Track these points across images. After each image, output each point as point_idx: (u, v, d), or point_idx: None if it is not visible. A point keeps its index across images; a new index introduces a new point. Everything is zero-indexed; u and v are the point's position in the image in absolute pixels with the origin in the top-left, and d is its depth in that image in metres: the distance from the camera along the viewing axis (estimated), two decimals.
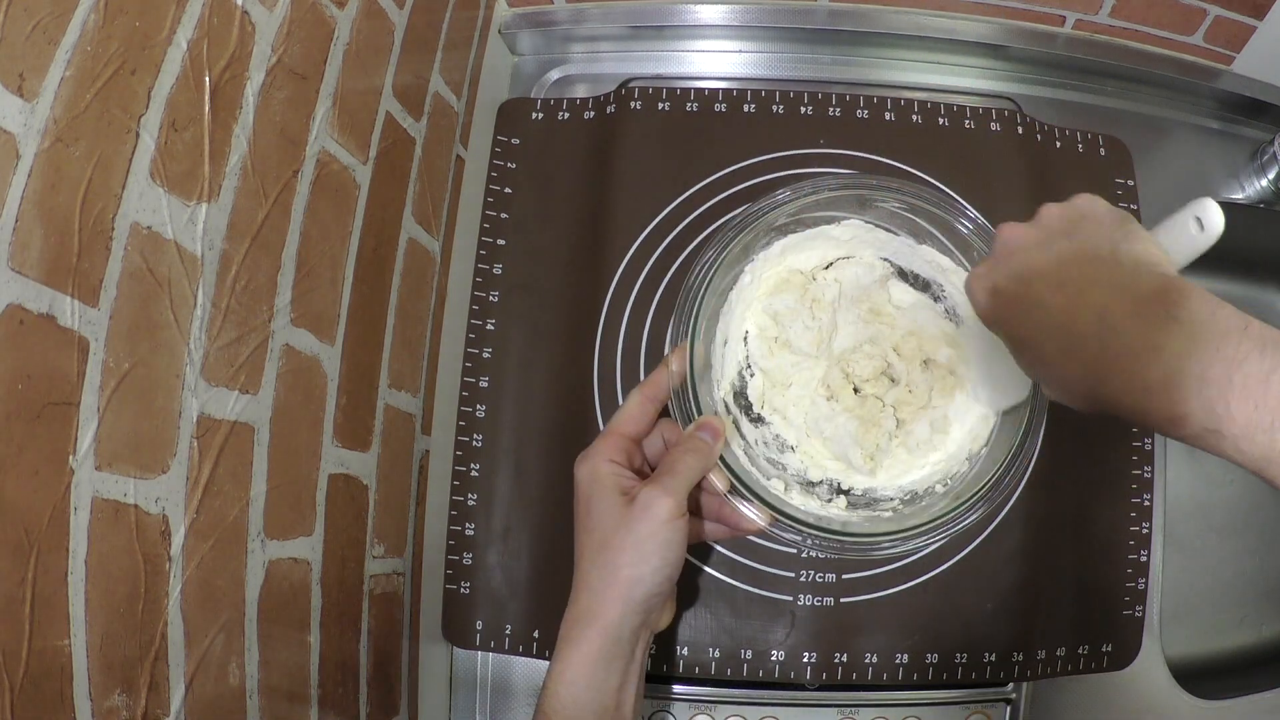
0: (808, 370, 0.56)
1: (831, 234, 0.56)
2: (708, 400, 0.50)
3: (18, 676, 0.28)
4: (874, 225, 0.56)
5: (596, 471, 0.46)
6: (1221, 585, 0.72)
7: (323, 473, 0.46)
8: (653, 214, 0.62)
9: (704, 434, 0.47)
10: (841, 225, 0.56)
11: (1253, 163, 0.69)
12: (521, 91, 0.70)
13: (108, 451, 0.32)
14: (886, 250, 0.57)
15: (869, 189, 0.53)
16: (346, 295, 0.48)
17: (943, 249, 0.55)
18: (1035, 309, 0.38)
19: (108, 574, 0.32)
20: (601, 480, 0.46)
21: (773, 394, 0.56)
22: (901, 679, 0.56)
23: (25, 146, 0.28)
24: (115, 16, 0.31)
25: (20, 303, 0.28)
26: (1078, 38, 0.69)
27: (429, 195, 0.58)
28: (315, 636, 0.46)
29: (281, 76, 0.41)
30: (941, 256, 0.55)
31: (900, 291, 0.57)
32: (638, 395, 0.49)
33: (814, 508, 0.53)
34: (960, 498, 0.49)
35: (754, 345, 0.57)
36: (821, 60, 0.70)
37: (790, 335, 0.56)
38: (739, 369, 0.56)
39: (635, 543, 0.43)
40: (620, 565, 0.43)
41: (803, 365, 0.56)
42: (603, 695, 0.43)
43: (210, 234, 0.37)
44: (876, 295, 0.56)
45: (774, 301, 0.56)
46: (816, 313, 0.56)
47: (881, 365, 0.54)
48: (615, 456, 0.47)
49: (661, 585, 0.44)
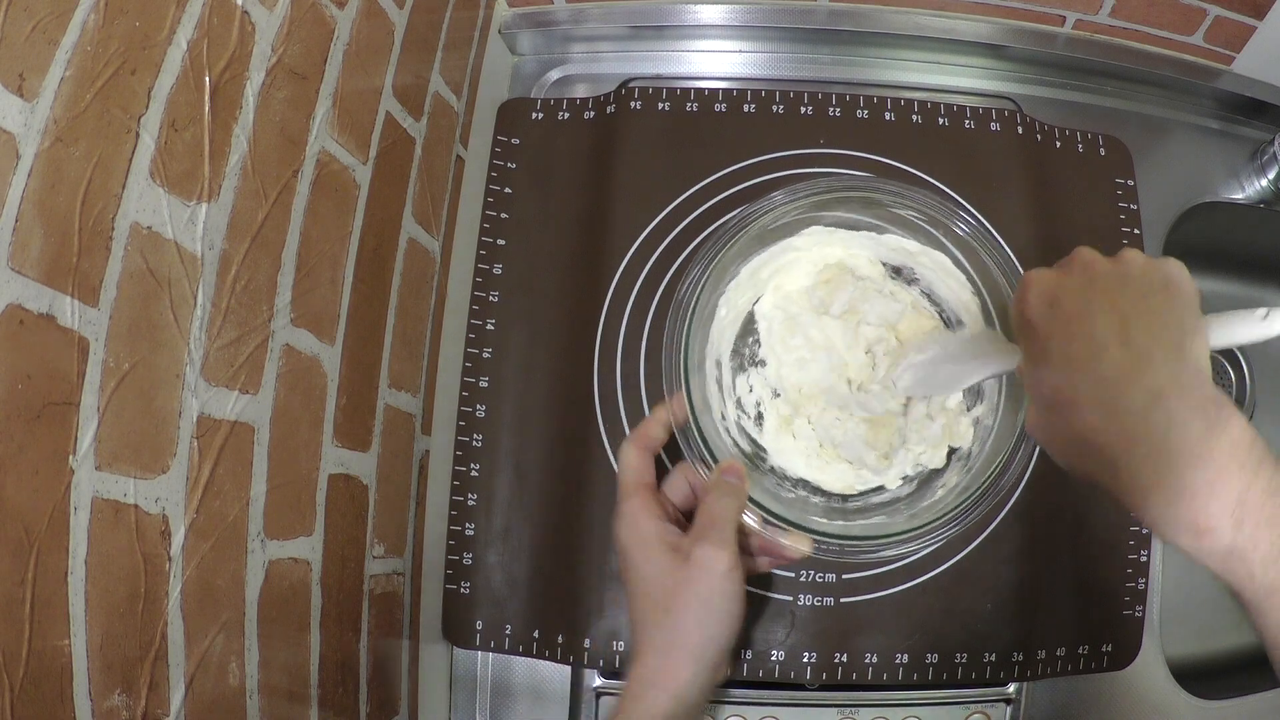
0: (814, 379, 0.56)
1: (795, 245, 0.56)
2: (715, 439, 0.50)
3: (18, 676, 0.28)
4: (833, 228, 0.56)
5: (642, 533, 0.46)
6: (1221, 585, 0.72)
7: (323, 473, 0.46)
8: (653, 214, 0.62)
9: (729, 477, 0.47)
10: (801, 235, 0.56)
11: (1253, 163, 0.69)
12: (521, 91, 0.70)
13: (108, 451, 0.32)
14: (853, 245, 0.57)
15: (820, 194, 0.53)
16: (346, 295, 0.48)
17: (907, 233, 0.55)
18: (1088, 345, 0.36)
19: (108, 574, 0.32)
20: (649, 541, 0.45)
21: (779, 420, 0.57)
22: (901, 679, 0.56)
23: (25, 146, 0.28)
24: (115, 16, 0.31)
25: (20, 303, 0.28)
26: (1078, 38, 0.69)
27: (429, 195, 0.58)
28: (315, 636, 0.46)
29: (281, 76, 0.41)
30: (907, 241, 0.55)
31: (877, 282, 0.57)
32: (633, 447, 0.49)
33: (837, 521, 0.53)
34: (967, 490, 0.49)
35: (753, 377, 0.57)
36: (821, 60, 0.70)
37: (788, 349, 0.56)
38: (738, 402, 0.57)
39: (700, 603, 0.43)
40: (688, 627, 0.43)
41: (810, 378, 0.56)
42: None
43: (210, 234, 0.37)
44: (859, 299, 0.57)
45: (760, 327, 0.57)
46: (802, 329, 0.56)
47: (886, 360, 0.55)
48: (653, 511, 0.47)
49: (730, 640, 0.44)
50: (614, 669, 0.57)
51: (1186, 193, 0.68)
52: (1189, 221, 0.67)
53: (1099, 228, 0.64)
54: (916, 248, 0.55)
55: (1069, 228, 0.64)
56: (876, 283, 0.57)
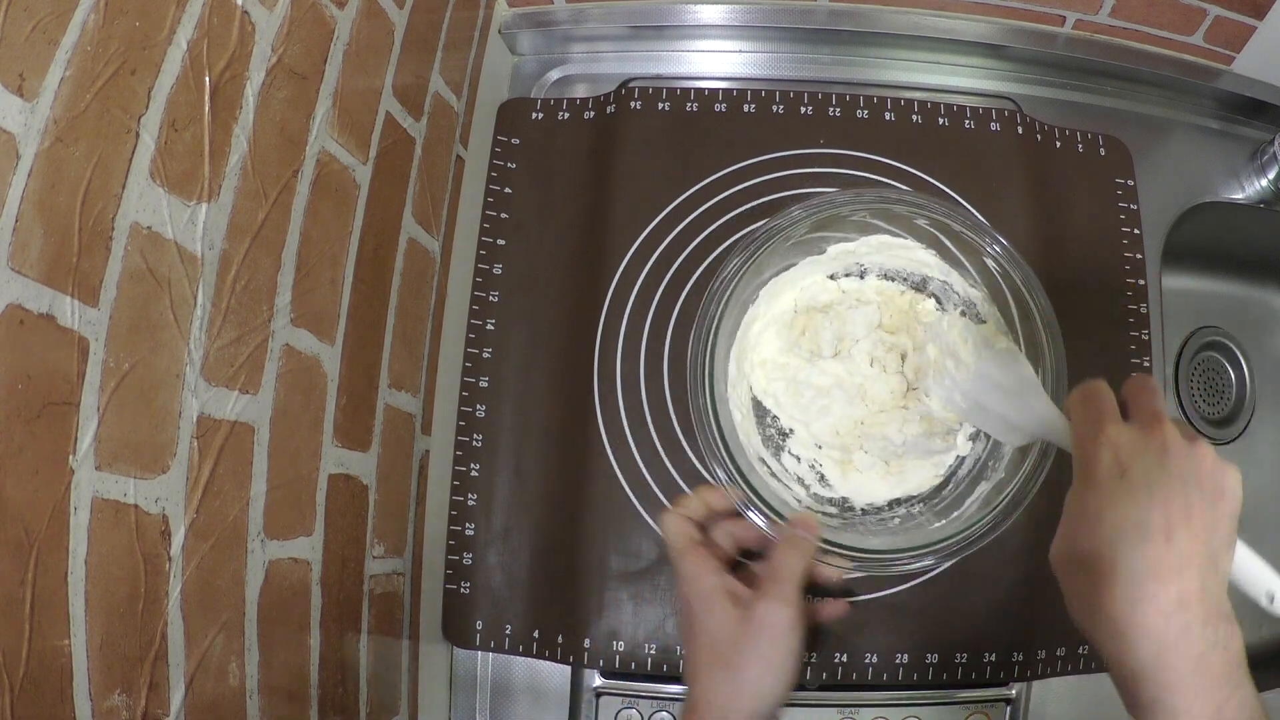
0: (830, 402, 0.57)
1: (756, 313, 0.57)
2: (779, 501, 0.50)
3: (18, 676, 0.28)
4: (777, 279, 0.57)
5: (705, 587, 0.46)
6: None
7: (323, 473, 0.46)
8: (653, 214, 0.62)
9: (801, 531, 0.47)
10: (758, 298, 0.56)
11: (1253, 163, 0.69)
12: (521, 91, 0.70)
13: (108, 451, 0.32)
14: (800, 280, 0.58)
15: (753, 257, 0.52)
16: (346, 295, 0.48)
17: (843, 234, 0.56)
18: (1138, 530, 0.37)
19: (108, 574, 0.32)
20: (711, 596, 0.46)
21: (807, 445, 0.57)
22: (901, 679, 0.56)
23: (25, 146, 0.28)
24: (115, 16, 0.31)
25: (20, 303, 0.28)
26: (1078, 38, 0.69)
27: (429, 195, 0.58)
28: (315, 636, 0.46)
29: (281, 76, 0.41)
30: (844, 243, 0.56)
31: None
32: (675, 515, 0.49)
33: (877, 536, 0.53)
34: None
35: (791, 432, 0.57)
36: (821, 60, 0.70)
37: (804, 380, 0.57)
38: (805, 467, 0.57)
39: (760, 657, 0.44)
40: (748, 680, 0.44)
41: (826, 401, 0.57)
42: None
43: (210, 234, 0.37)
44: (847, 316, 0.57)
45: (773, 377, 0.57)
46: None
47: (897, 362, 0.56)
48: (712, 566, 0.47)
49: (786, 693, 0.45)
50: (614, 669, 0.57)
51: (1186, 193, 0.68)
52: (1189, 221, 0.67)
53: (1099, 228, 0.64)
54: (852, 245, 0.56)
55: (1069, 228, 0.64)
56: (841, 298, 0.57)
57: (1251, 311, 0.80)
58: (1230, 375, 0.78)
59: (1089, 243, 0.64)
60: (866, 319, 0.56)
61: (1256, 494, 0.75)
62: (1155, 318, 0.63)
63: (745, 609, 0.45)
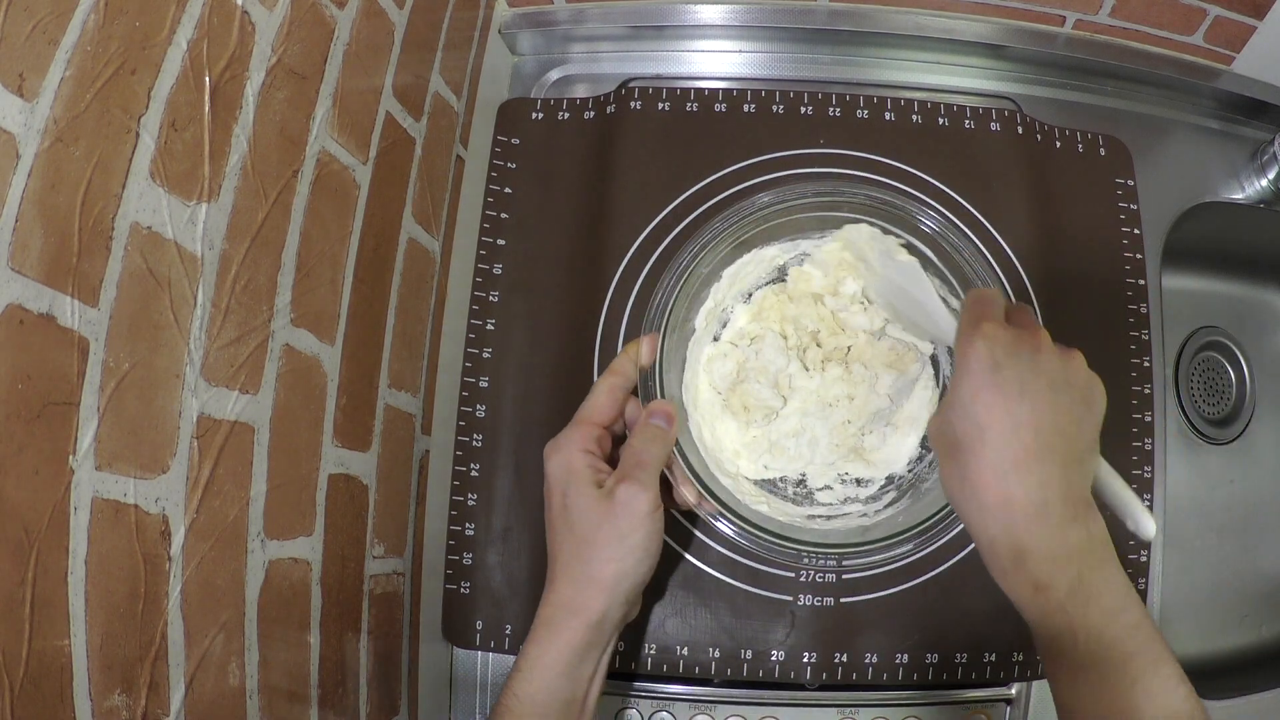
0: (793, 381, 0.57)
1: (696, 386, 0.58)
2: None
3: (18, 676, 0.28)
4: (700, 336, 0.58)
5: (571, 464, 0.48)
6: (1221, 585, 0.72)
7: (323, 473, 0.46)
8: (653, 214, 0.62)
9: (658, 420, 0.49)
10: (690, 359, 0.58)
11: (1253, 163, 0.69)
12: (521, 91, 0.70)
13: (108, 451, 0.32)
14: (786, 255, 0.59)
15: (671, 299, 0.53)
16: (346, 295, 0.48)
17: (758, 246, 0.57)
18: (1006, 418, 0.39)
19: (108, 574, 0.32)
20: (577, 473, 0.47)
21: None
22: (901, 679, 0.56)
23: (25, 146, 0.28)
24: (115, 16, 0.31)
25: (20, 303, 0.28)
26: (1078, 38, 0.69)
27: (429, 195, 0.58)
28: (315, 636, 0.46)
29: (281, 76, 0.41)
30: (761, 250, 0.57)
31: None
32: (605, 384, 0.51)
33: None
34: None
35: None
36: (821, 60, 0.70)
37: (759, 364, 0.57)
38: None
39: (619, 538, 0.45)
40: (606, 560, 0.45)
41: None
42: (575, 684, 0.45)
43: (210, 234, 0.37)
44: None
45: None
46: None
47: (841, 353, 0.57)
48: (588, 446, 0.48)
49: (645, 576, 0.47)
50: (613, 669, 0.57)
51: (1186, 193, 0.68)
52: (1189, 221, 0.67)
53: (1099, 227, 0.64)
54: (711, 304, 0.57)
55: (1069, 228, 0.64)
56: (741, 349, 0.58)
57: (1251, 311, 0.80)
58: (1230, 375, 0.78)
59: (1089, 243, 0.64)
60: (776, 348, 0.57)
61: (1257, 494, 0.75)
62: (1155, 318, 0.63)
63: (606, 492, 0.46)
